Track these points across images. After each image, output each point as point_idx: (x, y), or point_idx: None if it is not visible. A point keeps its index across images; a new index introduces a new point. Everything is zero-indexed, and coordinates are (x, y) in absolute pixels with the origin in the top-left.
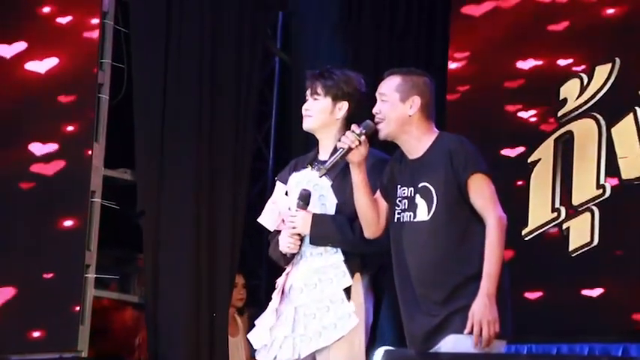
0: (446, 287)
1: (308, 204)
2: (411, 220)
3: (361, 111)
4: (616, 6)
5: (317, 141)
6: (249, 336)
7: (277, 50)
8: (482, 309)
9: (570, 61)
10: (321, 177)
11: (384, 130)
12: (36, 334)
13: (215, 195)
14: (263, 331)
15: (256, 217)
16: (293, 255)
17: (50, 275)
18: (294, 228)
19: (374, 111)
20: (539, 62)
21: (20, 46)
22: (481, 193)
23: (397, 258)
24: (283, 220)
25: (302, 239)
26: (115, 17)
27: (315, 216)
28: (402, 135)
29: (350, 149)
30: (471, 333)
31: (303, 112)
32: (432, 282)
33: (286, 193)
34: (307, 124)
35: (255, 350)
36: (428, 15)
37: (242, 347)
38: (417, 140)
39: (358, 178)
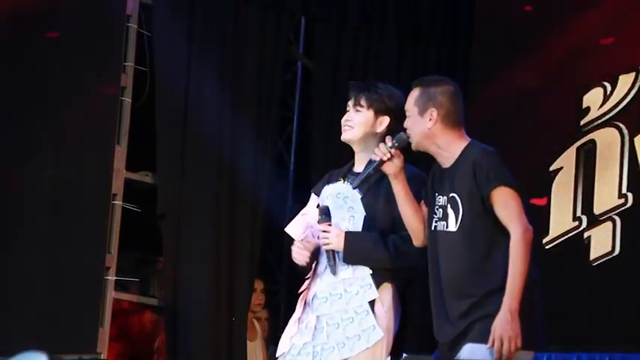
0: (469, 299)
1: (330, 216)
2: (444, 229)
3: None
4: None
5: (352, 153)
6: (279, 347)
7: (299, 55)
8: (503, 324)
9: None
10: (354, 189)
11: (412, 143)
12: (55, 335)
13: (235, 199)
14: (285, 340)
15: (277, 223)
16: (314, 262)
17: (70, 277)
18: (327, 244)
19: (404, 125)
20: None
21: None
22: (505, 205)
23: (431, 267)
24: (314, 235)
25: (317, 254)
26: (138, 21)
27: (348, 234)
28: (430, 147)
29: (382, 162)
30: (492, 347)
31: (344, 123)
32: (457, 293)
33: (318, 206)
34: (347, 136)
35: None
36: (451, 18)
37: (260, 351)
38: (446, 150)
39: (397, 188)
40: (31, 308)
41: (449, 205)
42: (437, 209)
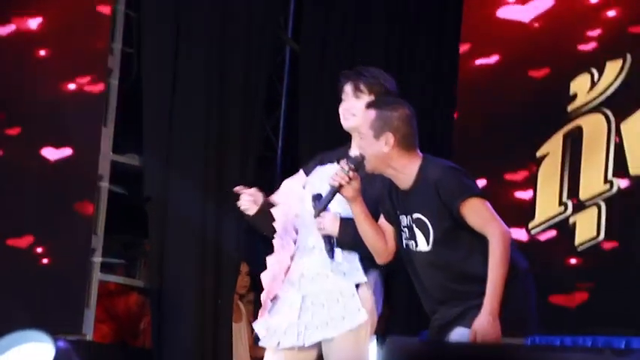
0: (455, 305)
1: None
2: (415, 249)
3: None
4: (627, 1)
5: (349, 136)
6: (254, 325)
7: (288, 39)
8: (485, 327)
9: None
10: (315, 217)
11: (368, 166)
12: (41, 316)
13: (222, 182)
14: (262, 320)
15: None
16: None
17: (57, 258)
18: (322, 229)
19: (357, 145)
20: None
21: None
22: (478, 215)
23: (412, 275)
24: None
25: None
26: (125, 2)
27: (343, 220)
28: (386, 169)
29: (341, 186)
30: None
31: (344, 111)
32: (440, 301)
33: (304, 187)
34: (350, 123)
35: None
36: (439, 4)
37: (244, 333)
38: (402, 173)
39: (356, 211)
40: (17, 289)
41: (414, 226)
42: (403, 229)
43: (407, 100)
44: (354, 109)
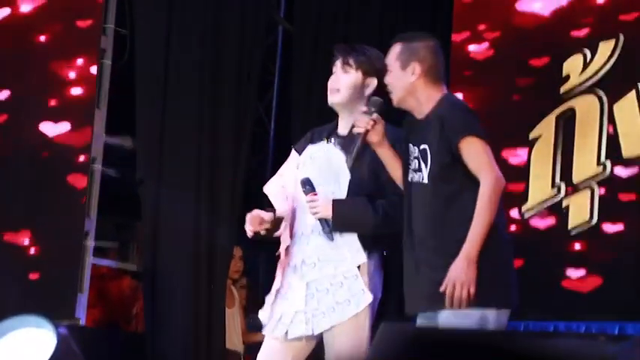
0: (441, 252)
1: (313, 186)
2: (420, 181)
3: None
4: None
5: (335, 114)
6: (260, 314)
7: (281, 19)
8: (457, 270)
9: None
10: (349, 167)
11: (394, 99)
12: (33, 300)
13: (216, 165)
14: (267, 307)
15: (257, 188)
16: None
17: (49, 241)
18: (316, 213)
19: (385, 81)
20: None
21: (26, 7)
22: (475, 155)
23: (406, 222)
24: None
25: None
26: None
27: (335, 202)
28: (411, 100)
29: (367, 131)
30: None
31: (330, 86)
32: (427, 246)
33: (297, 167)
34: (334, 99)
35: (251, 321)
36: None
37: (238, 318)
38: (423, 103)
39: (384, 155)
40: (9, 273)
41: (420, 157)
42: (411, 160)
43: None
44: (339, 84)
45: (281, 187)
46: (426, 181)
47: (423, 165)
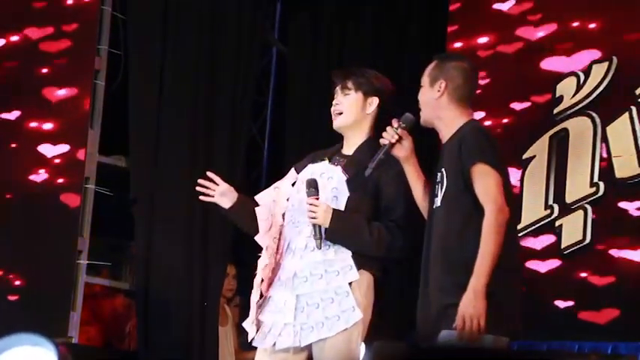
0: (449, 275)
1: (318, 190)
2: (436, 205)
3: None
4: (613, 4)
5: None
6: (245, 323)
7: (275, 41)
8: (466, 303)
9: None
10: (367, 175)
11: (422, 117)
12: (27, 319)
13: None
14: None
15: None
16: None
17: (42, 260)
18: (314, 218)
19: (419, 98)
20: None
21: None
22: (482, 182)
23: (425, 248)
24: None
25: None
26: (112, 3)
27: (335, 212)
28: (436, 120)
29: (392, 145)
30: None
31: (333, 111)
32: (438, 269)
33: (293, 185)
34: (338, 123)
35: (245, 339)
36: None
37: (231, 336)
38: (447, 125)
39: (409, 170)
40: (2, 291)
41: (439, 181)
42: (435, 185)
43: (392, 101)
44: (341, 107)
45: (272, 201)
46: (439, 204)
47: (439, 189)
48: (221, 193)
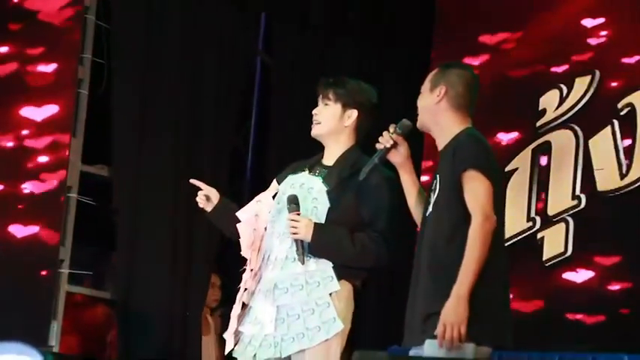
0: (436, 283)
1: (299, 205)
2: (427, 212)
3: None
4: (596, 18)
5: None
6: (225, 335)
7: (259, 51)
8: (447, 310)
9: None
10: (361, 180)
11: (419, 121)
12: (7, 328)
13: (192, 194)
14: (232, 328)
15: None
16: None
17: (23, 269)
18: (295, 233)
19: (417, 104)
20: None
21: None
22: (471, 190)
23: (416, 256)
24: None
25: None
26: (96, 12)
27: (317, 225)
28: (433, 126)
29: (387, 150)
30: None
31: (313, 119)
32: (426, 276)
33: (274, 196)
34: (315, 131)
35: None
36: (412, 14)
37: (213, 347)
38: (444, 132)
39: (404, 177)
40: None
41: (432, 188)
42: (430, 193)
43: (379, 111)
44: (320, 117)
45: (254, 215)
46: (430, 209)
47: (432, 196)
48: (207, 198)
